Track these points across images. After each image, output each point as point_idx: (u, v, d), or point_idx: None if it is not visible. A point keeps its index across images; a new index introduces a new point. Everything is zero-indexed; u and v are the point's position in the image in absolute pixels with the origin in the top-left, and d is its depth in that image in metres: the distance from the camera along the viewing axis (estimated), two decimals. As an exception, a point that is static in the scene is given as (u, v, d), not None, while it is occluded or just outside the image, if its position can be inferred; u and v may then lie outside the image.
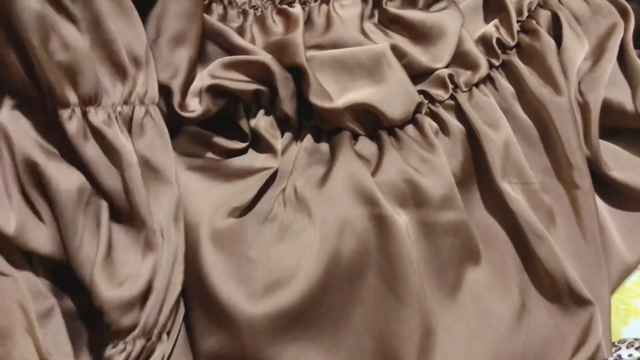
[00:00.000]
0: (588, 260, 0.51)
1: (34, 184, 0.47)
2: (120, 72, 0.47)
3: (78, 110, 0.46)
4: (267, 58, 0.50)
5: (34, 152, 0.46)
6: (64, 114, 0.46)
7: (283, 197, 0.50)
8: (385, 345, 0.48)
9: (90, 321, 0.49)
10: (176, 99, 0.49)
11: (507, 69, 0.54)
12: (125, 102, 0.48)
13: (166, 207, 0.47)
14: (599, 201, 0.53)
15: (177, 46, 0.49)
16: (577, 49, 0.54)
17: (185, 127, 0.51)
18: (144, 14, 0.49)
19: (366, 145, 0.52)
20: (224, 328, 0.47)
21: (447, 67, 0.53)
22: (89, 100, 0.46)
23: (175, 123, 0.50)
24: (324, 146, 0.52)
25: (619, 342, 0.50)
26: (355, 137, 0.52)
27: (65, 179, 0.46)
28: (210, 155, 0.52)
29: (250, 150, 0.52)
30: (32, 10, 0.44)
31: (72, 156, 0.47)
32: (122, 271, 0.46)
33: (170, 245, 0.47)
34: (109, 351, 0.46)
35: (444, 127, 0.53)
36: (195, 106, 0.49)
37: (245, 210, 0.50)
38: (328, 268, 0.47)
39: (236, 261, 0.48)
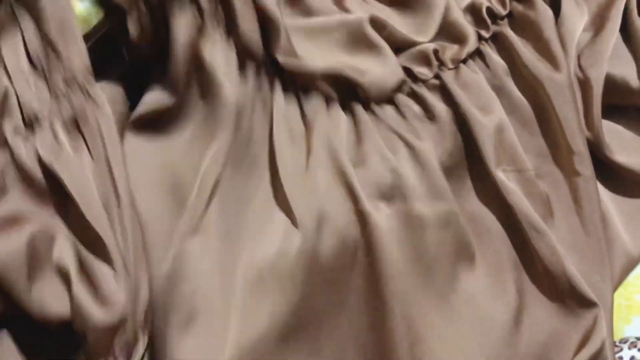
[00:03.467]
0: (589, 255, 0.47)
1: None
2: None
3: None
4: None
5: None
6: None
7: None
8: (371, 356, 0.44)
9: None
10: None
11: (498, 41, 0.50)
12: None
13: None
14: (601, 188, 0.50)
15: None
16: (577, 19, 0.50)
17: None
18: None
19: (342, 121, 0.47)
20: None
21: (432, 41, 0.49)
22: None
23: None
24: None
25: (620, 341, 0.47)
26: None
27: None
28: None
29: None
30: None
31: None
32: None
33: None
34: None
35: (428, 110, 0.48)
36: None
37: None
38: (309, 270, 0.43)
39: None
